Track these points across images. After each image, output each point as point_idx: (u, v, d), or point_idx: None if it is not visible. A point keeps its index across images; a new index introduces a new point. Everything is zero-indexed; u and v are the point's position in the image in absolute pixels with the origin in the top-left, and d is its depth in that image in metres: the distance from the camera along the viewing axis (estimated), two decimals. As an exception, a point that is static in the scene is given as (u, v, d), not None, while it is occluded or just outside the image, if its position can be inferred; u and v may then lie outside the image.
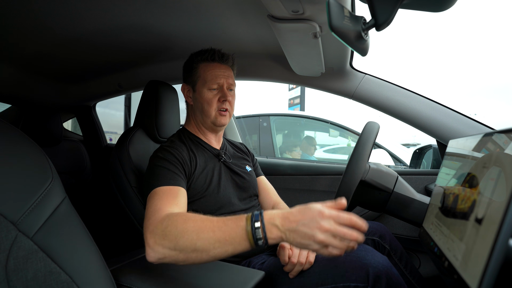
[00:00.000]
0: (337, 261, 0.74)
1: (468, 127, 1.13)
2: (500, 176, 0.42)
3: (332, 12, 0.56)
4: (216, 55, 1.01)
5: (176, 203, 0.78)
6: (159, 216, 0.71)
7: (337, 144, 3.93)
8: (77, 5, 0.91)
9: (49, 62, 1.38)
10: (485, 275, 0.37)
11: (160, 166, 0.86)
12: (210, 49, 1.02)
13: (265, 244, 0.63)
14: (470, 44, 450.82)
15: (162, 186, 0.81)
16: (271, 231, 0.63)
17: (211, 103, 0.99)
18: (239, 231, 0.63)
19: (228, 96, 0.99)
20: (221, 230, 0.64)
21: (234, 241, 0.63)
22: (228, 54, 1.04)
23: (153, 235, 0.67)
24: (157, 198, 0.78)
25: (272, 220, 0.63)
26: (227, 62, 1.03)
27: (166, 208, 0.74)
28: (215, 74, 1.00)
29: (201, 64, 1.02)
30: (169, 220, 0.68)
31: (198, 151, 0.99)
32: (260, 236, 0.62)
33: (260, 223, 0.63)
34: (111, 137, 4.19)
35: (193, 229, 0.65)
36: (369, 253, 0.74)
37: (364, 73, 1.27)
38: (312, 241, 0.60)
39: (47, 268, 0.52)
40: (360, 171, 0.81)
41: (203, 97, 1.00)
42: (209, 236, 0.64)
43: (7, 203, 0.52)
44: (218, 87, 1.00)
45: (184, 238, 0.64)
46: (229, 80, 1.02)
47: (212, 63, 1.01)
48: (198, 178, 0.93)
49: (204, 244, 0.63)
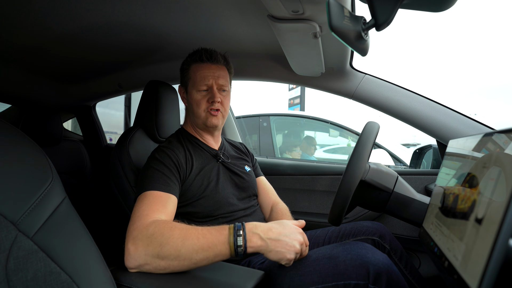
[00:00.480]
0: (337, 260, 0.74)
1: (468, 127, 1.13)
2: (500, 176, 0.42)
3: (332, 12, 0.56)
4: (204, 55, 0.99)
5: (164, 211, 0.78)
6: (145, 222, 0.71)
7: (337, 144, 3.94)
8: (77, 4, 0.91)
9: (49, 62, 1.39)
10: (485, 275, 0.37)
11: (155, 169, 0.86)
12: (199, 49, 1.01)
13: (243, 252, 0.68)
14: (470, 44, 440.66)
15: (153, 191, 0.80)
16: (251, 239, 0.69)
17: (200, 104, 0.98)
18: (222, 238, 0.68)
19: (216, 97, 0.97)
20: (205, 237, 0.68)
21: (216, 248, 0.67)
22: (217, 53, 1.01)
23: (136, 241, 0.68)
24: (146, 203, 0.77)
25: (253, 229, 0.71)
26: (217, 61, 1.00)
27: (153, 215, 0.74)
28: (203, 75, 0.98)
29: (192, 66, 1.01)
30: (155, 227, 0.69)
31: (196, 152, 0.99)
32: (240, 243, 0.67)
33: (242, 232, 0.69)
34: (111, 137, 4.19)
35: (178, 236, 0.67)
36: (370, 251, 0.74)
37: (364, 73, 1.27)
38: (292, 250, 0.71)
39: (47, 268, 0.52)
40: (360, 171, 0.81)
41: (192, 99, 1.00)
42: (193, 243, 0.67)
43: (7, 203, 0.52)
44: (207, 88, 0.99)
45: (169, 245, 0.66)
46: (219, 81, 0.99)
47: (202, 63, 1.00)
48: (195, 180, 0.93)
49: (187, 251, 0.66)
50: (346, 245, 0.78)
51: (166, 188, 0.82)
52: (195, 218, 0.92)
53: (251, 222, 0.73)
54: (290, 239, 0.72)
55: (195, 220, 0.92)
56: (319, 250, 0.81)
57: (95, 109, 2.10)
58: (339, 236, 1.01)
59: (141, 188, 0.82)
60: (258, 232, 0.70)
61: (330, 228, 1.06)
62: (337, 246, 0.79)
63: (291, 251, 0.71)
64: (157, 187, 0.81)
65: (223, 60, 1.02)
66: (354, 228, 1.00)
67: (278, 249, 0.70)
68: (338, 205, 0.81)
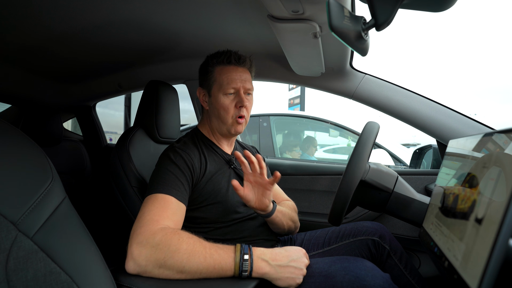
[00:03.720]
0: (334, 280, 0.72)
1: (468, 127, 1.13)
2: (500, 176, 0.42)
3: (332, 12, 0.56)
4: (233, 58, 0.95)
5: (174, 218, 0.76)
6: (153, 228, 0.69)
7: (337, 144, 3.94)
8: (77, 3, 0.91)
9: (49, 62, 1.39)
10: (485, 275, 0.37)
11: (169, 171, 0.83)
12: (226, 51, 0.96)
13: (247, 277, 0.68)
14: (471, 45, 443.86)
15: (165, 195, 0.78)
16: (259, 266, 0.69)
17: (228, 110, 0.94)
18: (230, 261, 0.67)
19: (245, 102, 0.93)
20: (212, 257, 0.67)
21: (221, 270, 0.67)
22: (245, 56, 0.98)
23: (141, 246, 0.66)
24: (157, 206, 0.75)
25: (261, 255, 0.70)
26: (244, 64, 0.97)
27: (162, 221, 0.72)
28: (231, 78, 0.93)
29: (217, 67, 0.96)
30: (163, 236, 0.68)
31: (210, 156, 0.96)
32: (246, 268, 0.67)
33: (249, 257, 0.69)
34: (111, 137, 4.20)
35: (185, 251, 0.66)
36: (370, 272, 0.71)
37: (364, 73, 1.27)
38: (300, 274, 0.71)
39: (47, 268, 0.52)
40: (360, 171, 0.81)
41: (219, 103, 0.94)
42: (199, 262, 0.66)
43: (7, 203, 0.52)
44: (235, 91, 0.94)
45: (173, 259, 0.65)
46: (246, 84, 0.95)
47: (228, 66, 0.95)
48: (207, 184, 0.90)
49: (191, 268, 0.66)
50: (345, 262, 0.76)
51: (178, 194, 0.80)
52: (200, 224, 0.89)
53: (258, 248, 0.72)
54: (297, 264, 0.72)
55: (198, 225, 0.89)
56: (316, 263, 0.80)
57: (95, 109, 2.10)
58: (339, 236, 1.01)
59: (152, 189, 0.79)
60: (266, 258, 0.70)
61: (330, 228, 1.06)
62: (335, 262, 0.78)
63: (300, 276, 0.72)
64: (170, 192, 0.79)
65: (249, 63, 0.99)
66: (354, 228, 1.00)
67: (288, 275, 0.70)
68: (338, 205, 0.80)
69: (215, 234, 0.89)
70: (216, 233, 0.89)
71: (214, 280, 0.68)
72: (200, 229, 0.88)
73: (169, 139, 1.20)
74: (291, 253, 0.74)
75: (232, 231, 0.91)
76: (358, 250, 0.96)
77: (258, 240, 0.94)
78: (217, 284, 0.68)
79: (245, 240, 0.92)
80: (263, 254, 0.71)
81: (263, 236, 0.96)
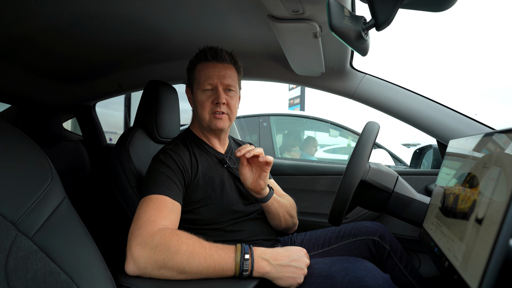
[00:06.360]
0: (334, 280, 0.72)
1: (468, 127, 1.13)
2: (500, 176, 0.42)
3: (332, 12, 0.56)
4: (209, 54, 0.94)
5: (170, 218, 0.76)
6: (151, 229, 0.69)
7: (337, 144, 3.94)
8: (77, 2, 0.90)
9: (49, 61, 1.38)
10: (485, 275, 0.37)
11: (161, 172, 0.84)
12: (204, 48, 0.96)
13: (248, 276, 0.68)
14: (471, 45, 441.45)
15: (159, 195, 0.78)
16: (260, 265, 0.69)
17: (204, 106, 0.93)
18: (230, 261, 0.67)
19: (221, 98, 0.91)
20: (213, 258, 0.67)
21: (222, 270, 0.67)
22: (223, 51, 0.96)
23: (140, 247, 0.66)
24: (152, 207, 0.75)
25: (262, 255, 0.70)
26: (223, 60, 0.95)
27: (159, 222, 0.72)
28: (208, 74, 0.93)
29: (197, 65, 0.97)
30: (162, 237, 0.67)
31: (202, 157, 0.95)
32: (247, 268, 0.67)
33: (250, 256, 0.68)
34: (111, 137, 4.20)
35: (185, 253, 0.66)
36: (370, 273, 0.71)
37: (364, 73, 1.27)
38: (301, 274, 0.71)
39: (47, 268, 0.52)
40: (360, 171, 0.81)
41: (197, 100, 0.95)
42: (199, 263, 0.66)
43: (7, 203, 0.52)
44: (212, 87, 0.93)
45: (173, 261, 0.65)
46: (225, 80, 0.93)
47: (207, 62, 0.94)
48: (199, 186, 0.90)
49: (191, 269, 0.66)
50: (345, 262, 0.76)
51: (172, 193, 0.80)
52: (197, 225, 0.89)
53: (259, 248, 0.72)
54: (298, 263, 0.72)
55: (196, 226, 0.89)
56: (316, 263, 0.80)
57: (95, 109, 2.10)
58: (339, 236, 1.01)
59: (146, 191, 0.80)
60: (267, 258, 0.70)
61: (330, 228, 1.06)
62: (335, 263, 0.78)
63: (301, 275, 0.72)
64: (163, 192, 0.79)
65: (229, 59, 0.97)
66: (354, 228, 1.00)
67: (289, 275, 0.70)
68: (338, 205, 0.80)
69: (214, 234, 0.89)
70: (215, 233, 0.89)
71: (214, 280, 0.68)
72: (199, 230, 0.88)
73: (169, 139, 1.20)
74: (292, 253, 0.74)
75: (231, 231, 0.91)
76: (358, 250, 0.96)
77: (258, 240, 0.94)
78: (218, 284, 0.68)
79: (244, 240, 0.92)
80: (264, 253, 0.71)
81: (263, 236, 0.96)
